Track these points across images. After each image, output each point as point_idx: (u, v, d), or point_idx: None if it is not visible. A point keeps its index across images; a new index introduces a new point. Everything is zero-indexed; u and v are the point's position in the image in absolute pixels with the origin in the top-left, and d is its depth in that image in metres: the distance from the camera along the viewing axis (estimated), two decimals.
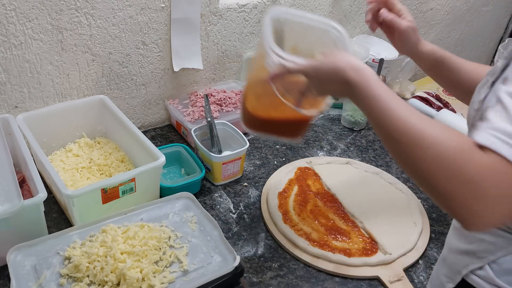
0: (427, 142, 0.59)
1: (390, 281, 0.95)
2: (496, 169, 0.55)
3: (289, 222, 1.08)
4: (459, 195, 0.57)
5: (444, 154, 0.58)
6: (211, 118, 1.23)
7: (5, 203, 0.84)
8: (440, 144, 0.58)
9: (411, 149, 0.61)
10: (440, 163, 0.58)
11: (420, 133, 0.60)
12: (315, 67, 0.77)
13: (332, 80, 0.74)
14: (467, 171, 0.56)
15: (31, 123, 1.10)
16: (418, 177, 0.62)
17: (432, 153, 0.58)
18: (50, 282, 0.82)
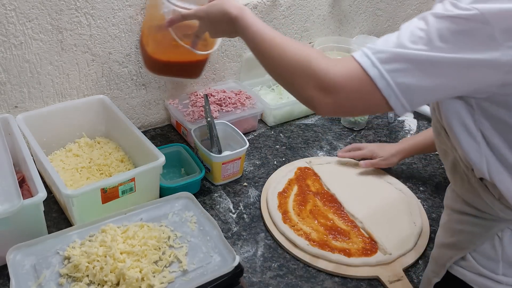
0: (287, 52, 0.76)
1: (389, 281, 0.95)
2: (351, 74, 0.67)
3: (289, 222, 1.08)
4: (307, 91, 0.71)
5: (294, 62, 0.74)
6: (211, 118, 1.23)
7: (5, 203, 0.84)
8: (294, 55, 0.74)
9: (276, 59, 0.78)
10: (294, 68, 0.73)
11: (283, 46, 0.77)
12: (206, 10, 0.92)
13: (221, 20, 0.88)
14: (318, 73, 0.70)
15: (31, 123, 1.10)
16: (282, 79, 0.79)
17: (289, 59, 0.75)
18: (50, 282, 0.82)
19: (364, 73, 0.66)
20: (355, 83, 0.67)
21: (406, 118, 1.59)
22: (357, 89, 0.67)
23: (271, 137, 1.42)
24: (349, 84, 0.67)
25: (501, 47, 0.60)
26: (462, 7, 0.61)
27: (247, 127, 1.42)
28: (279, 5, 1.49)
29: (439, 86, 0.64)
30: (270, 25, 1.51)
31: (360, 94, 0.67)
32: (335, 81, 0.68)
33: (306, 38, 1.64)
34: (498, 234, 0.76)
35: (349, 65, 0.68)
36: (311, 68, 0.70)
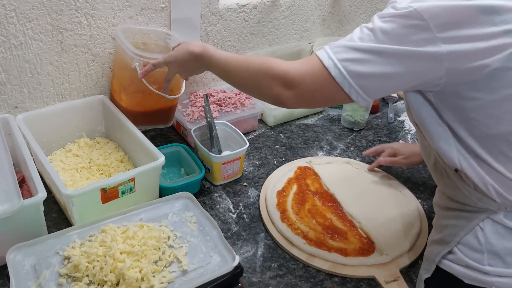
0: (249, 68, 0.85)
1: (385, 281, 0.95)
2: (311, 67, 0.76)
3: (287, 220, 1.08)
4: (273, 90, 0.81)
5: (259, 71, 0.84)
6: (211, 118, 1.23)
7: (5, 203, 0.84)
8: (257, 65, 0.84)
9: (242, 73, 0.87)
10: (258, 75, 0.83)
11: (246, 62, 0.87)
12: (174, 55, 1.02)
13: (188, 59, 0.99)
14: (273, 72, 0.80)
15: (31, 123, 1.10)
16: (250, 88, 0.88)
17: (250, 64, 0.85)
18: (50, 282, 0.82)
19: (321, 65, 0.75)
20: (314, 74, 0.76)
21: (406, 118, 1.59)
22: (315, 80, 0.76)
23: (271, 137, 1.42)
24: (309, 77, 0.76)
25: (438, 40, 0.67)
26: (401, 7, 0.70)
27: (247, 127, 1.42)
28: (279, 5, 1.49)
29: (388, 76, 0.72)
30: (270, 25, 1.51)
31: (319, 85, 0.76)
32: (294, 76, 0.78)
33: (306, 38, 1.65)
34: (480, 224, 0.80)
35: (310, 60, 0.77)
36: (273, 70, 0.80)
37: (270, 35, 1.54)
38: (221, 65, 0.92)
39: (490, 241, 0.79)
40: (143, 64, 1.11)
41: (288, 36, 1.59)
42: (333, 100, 0.78)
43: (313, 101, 0.80)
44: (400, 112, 1.63)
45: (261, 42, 1.53)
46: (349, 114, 1.49)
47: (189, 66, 1.01)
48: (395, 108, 1.65)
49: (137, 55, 1.11)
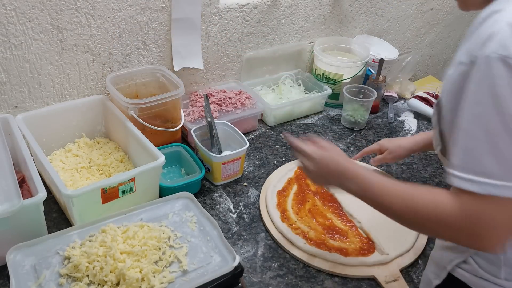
0: (415, 218, 0.72)
1: (386, 281, 0.95)
2: (469, 209, 0.63)
3: (287, 220, 1.08)
4: (463, 242, 0.68)
5: (429, 220, 0.69)
6: (211, 118, 1.23)
7: (5, 203, 0.84)
8: (427, 212, 0.69)
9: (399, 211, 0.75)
10: (431, 227, 0.70)
11: (408, 212, 0.73)
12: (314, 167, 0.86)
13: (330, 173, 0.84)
14: (452, 224, 0.65)
15: (31, 123, 1.10)
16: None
17: (422, 221, 0.71)
18: (50, 282, 0.82)
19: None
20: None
21: (406, 118, 1.59)
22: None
23: (271, 137, 1.42)
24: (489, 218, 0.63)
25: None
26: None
27: (247, 127, 1.42)
28: (279, 5, 1.49)
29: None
30: (270, 25, 1.51)
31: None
32: (475, 227, 0.64)
33: (307, 38, 1.64)
34: None
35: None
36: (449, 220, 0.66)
37: (270, 35, 1.54)
38: (370, 194, 0.78)
39: (509, 255, 0.74)
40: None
41: (288, 36, 1.59)
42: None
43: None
44: (400, 112, 1.63)
45: (261, 41, 1.53)
46: (350, 114, 1.48)
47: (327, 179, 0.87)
48: (395, 108, 1.65)
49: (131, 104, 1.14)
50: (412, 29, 2.00)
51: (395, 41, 1.95)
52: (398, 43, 1.99)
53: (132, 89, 1.28)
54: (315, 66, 1.61)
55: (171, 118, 1.24)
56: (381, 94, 1.60)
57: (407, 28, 1.98)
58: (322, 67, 1.57)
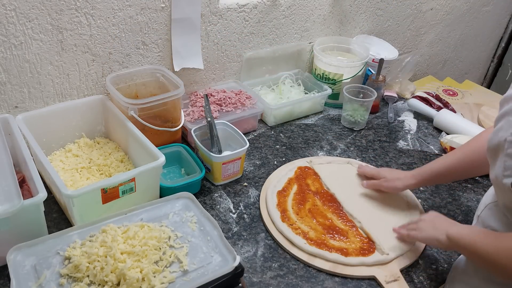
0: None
1: (386, 281, 0.95)
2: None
3: (287, 220, 1.08)
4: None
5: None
6: (211, 118, 1.23)
7: (5, 203, 0.84)
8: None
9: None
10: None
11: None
12: (423, 238, 0.97)
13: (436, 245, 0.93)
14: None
15: (31, 123, 1.10)
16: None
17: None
18: (50, 282, 0.82)
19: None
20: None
21: (406, 118, 1.59)
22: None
23: (271, 137, 1.42)
24: None
25: None
26: None
27: (247, 127, 1.42)
28: (279, 5, 1.49)
29: None
30: (270, 25, 1.51)
31: None
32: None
33: (307, 38, 1.64)
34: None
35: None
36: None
37: (270, 35, 1.54)
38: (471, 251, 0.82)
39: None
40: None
41: (288, 36, 1.59)
42: None
43: None
44: (400, 112, 1.63)
45: (261, 41, 1.53)
46: (350, 114, 1.49)
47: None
48: (395, 108, 1.65)
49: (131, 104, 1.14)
50: (412, 29, 2.00)
51: (395, 41, 1.95)
52: (398, 43, 1.99)
53: (132, 89, 1.28)
54: (315, 66, 1.61)
55: (171, 118, 1.24)
56: (381, 94, 1.60)
57: (407, 28, 1.98)
58: (322, 67, 1.57)
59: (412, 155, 1.39)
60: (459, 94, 1.84)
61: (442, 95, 1.76)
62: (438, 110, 1.57)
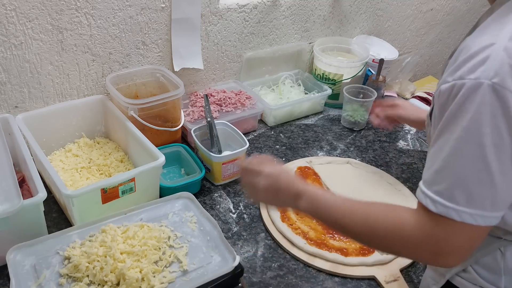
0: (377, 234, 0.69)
1: (386, 281, 0.95)
2: (432, 230, 0.63)
3: (287, 220, 1.08)
4: (423, 260, 0.70)
5: (390, 236, 0.68)
6: (211, 118, 1.23)
7: (5, 203, 0.84)
8: (385, 230, 0.68)
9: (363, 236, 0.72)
10: (391, 242, 0.68)
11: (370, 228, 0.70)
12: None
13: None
14: (413, 243, 0.65)
15: (31, 123, 1.10)
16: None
17: (382, 238, 0.69)
18: (50, 282, 0.82)
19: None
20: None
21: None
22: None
23: (271, 137, 1.42)
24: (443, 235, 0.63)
25: None
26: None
27: (247, 127, 1.42)
28: (279, 5, 1.49)
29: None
30: (270, 25, 1.51)
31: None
32: (428, 246, 0.64)
33: (307, 38, 1.64)
34: (501, 249, 0.74)
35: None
36: (405, 244, 0.67)
37: (270, 35, 1.54)
38: (329, 212, 0.74)
39: (510, 264, 0.73)
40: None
41: (288, 36, 1.59)
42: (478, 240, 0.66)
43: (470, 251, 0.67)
44: None
45: (261, 42, 1.53)
46: (349, 114, 1.48)
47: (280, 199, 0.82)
48: None
49: (131, 104, 1.14)
50: (412, 29, 2.00)
51: (395, 41, 1.95)
52: (398, 43, 1.99)
53: (132, 89, 1.28)
54: (315, 66, 1.61)
55: (171, 118, 1.24)
56: (381, 94, 1.60)
57: (407, 28, 1.98)
58: (322, 67, 1.57)
59: (412, 155, 1.39)
60: None
61: None
62: None
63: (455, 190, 0.61)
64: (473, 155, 0.60)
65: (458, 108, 0.60)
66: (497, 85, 0.57)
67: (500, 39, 0.59)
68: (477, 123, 0.59)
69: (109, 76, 1.22)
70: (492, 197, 0.60)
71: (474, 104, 0.58)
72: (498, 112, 0.57)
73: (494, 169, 0.59)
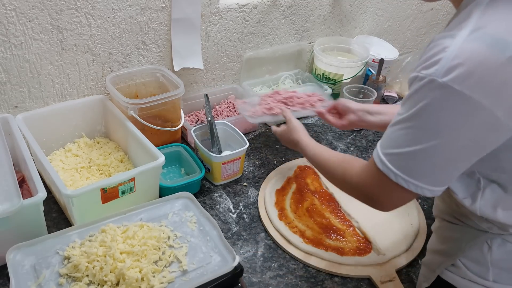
0: (332, 171, 0.89)
1: (381, 281, 0.95)
2: (374, 183, 0.74)
3: (285, 219, 1.08)
4: (361, 200, 0.80)
5: (336, 176, 0.87)
6: (211, 118, 1.23)
7: (5, 203, 0.84)
8: (335, 169, 0.87)
9: (327, 175, 0.91)
10: (343, 183, 0.85)
11: (329, 166, 0.91)
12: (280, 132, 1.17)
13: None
14: (355, 187, 0.80)
15: (31, 123, 1.10)
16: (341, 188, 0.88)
17: (334, 175, 0.88)
18: (50, 282, 0.82)
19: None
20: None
21: None
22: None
23: (271, 137, 1.42)
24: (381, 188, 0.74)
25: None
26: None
27: (247, 127, 1.42)
28: (279, 5, 1.49)
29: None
30: (270, 25, 1.51)
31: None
32: (366, 191, 0.77)
33: (307, 38, 1.64)
34: (488, 242, 0.77)
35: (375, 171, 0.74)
36: (350, 184, 0.82)
37: (270, 35, 1.54)
38: (311, 159, 1.00)
39: (496, 256, 0.76)
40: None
41: (288, 36, 1.59)
42: (403, 200, 0.77)
43: (399, 203, 0.78)
44: None
45: (261, 41, 1.53)
46: None
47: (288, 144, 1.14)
48: None
49: (131, 104, 1.15)
50: (412, 29, 2.00)
51: (395, 41, 1.95)
52: (398, 43, 1.99)
53: (132, 89, 1.28)
54: (315, 66, 1.61)
55: (171, 118, 1.25)
56: (381, 94, 1.60)
57: (407, 28, 1.98)
58: (322, 67, 1.57)
59: None
60: None
61: None
62: None
63: (405, 165, 0.69)
64: (423, 139, 0.66)
65: (417, 99, 0.66)
66: (445, 83, 0.61)
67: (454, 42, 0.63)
68: (428, 114, 0.65)
69: (109, 76, 1.22)
70: (432, 174, 0.68)
71: (428, 98, 0.64)
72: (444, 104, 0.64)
73: (440, 154, 0.66)
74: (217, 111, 1.43)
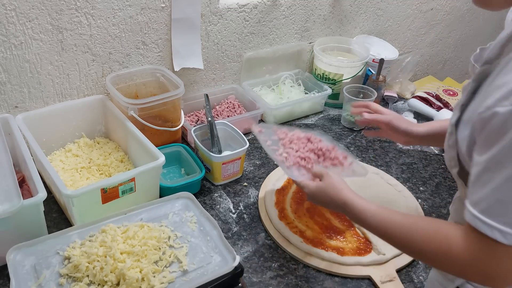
0: (425, 257, 0.70)
1: (381, 281, 0.95)
2: (483, 253, 0.61)
3: (285, 219, 1.08)
4: (470, 278, 0.69)
5: (437, 258, 0.67)
6: (211, 118, 1.23)
7: (5, 203, 0.84)
8: (432, 252, 0.67)
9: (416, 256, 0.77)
10: (439, 263, 0.68)
11: (419, 250, 0.70)
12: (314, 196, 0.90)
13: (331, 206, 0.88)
14: (461, 262, 0.64)
15: (31, 123, 1.10)
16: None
17: (435, 262, 0.70)
18: (50, 282, 0.82)
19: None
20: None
21: (406, 118, 1.59)
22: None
23: None
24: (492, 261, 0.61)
25: None
26: None
27: (247, 127, 1.42)
28: (279, 5, 1.49)
29: None
30: (270, 25, 1.51)
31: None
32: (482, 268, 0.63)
33: (307, 38, 1.64)
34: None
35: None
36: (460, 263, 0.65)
37: (270, 35, 1.54)
38: (375, 226, 0.77)
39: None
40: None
41: (288, 36, 1.59)
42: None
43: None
44: (400, 112, 1.63)
45: (261, 41, 1.53)
46: (350, 114, 1.48)
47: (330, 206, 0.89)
48: (395, 108, 1.65)
49: (131, 104, 1.14)
50: (412, 29, 2.00)
51: (395, 41, 1.95)
52: (398, 43, 1.99)
53: (132, 89, 1.28)
54: (315, 66, 1.61)
55: (171, 118, 1.25)
56: (381, 94, 1.60)
57: (407, 28, 1.98)
58: (322, 67, 1.57)
59: (412, 155, 1.39)
60: (459, 94, 1.84)
61: (442, 95, 1.76)
62: (438, 110, 1.57)
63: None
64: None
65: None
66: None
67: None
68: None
69: (109, 76, 1.22)
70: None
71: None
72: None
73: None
74: (217, 111, 1.43)
